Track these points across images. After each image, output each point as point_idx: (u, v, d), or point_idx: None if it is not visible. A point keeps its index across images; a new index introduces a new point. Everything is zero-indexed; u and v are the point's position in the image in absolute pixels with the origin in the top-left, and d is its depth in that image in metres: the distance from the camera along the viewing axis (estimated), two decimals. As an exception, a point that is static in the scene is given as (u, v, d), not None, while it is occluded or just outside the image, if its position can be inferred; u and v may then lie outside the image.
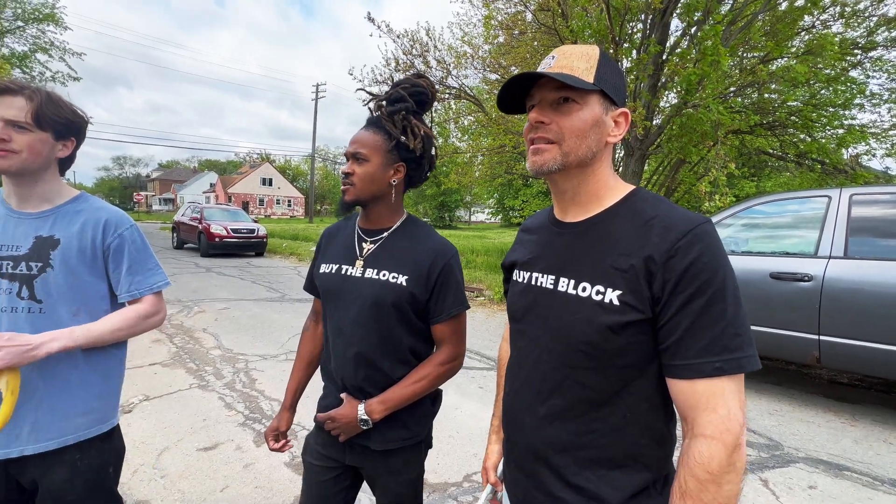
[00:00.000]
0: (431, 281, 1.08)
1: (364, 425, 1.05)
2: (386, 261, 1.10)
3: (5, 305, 1.03)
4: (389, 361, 1.08)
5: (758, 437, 2.83)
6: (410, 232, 1.15)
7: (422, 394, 1.09)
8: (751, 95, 8.24)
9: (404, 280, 1.06)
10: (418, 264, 1.08)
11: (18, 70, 14.11)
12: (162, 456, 2.40)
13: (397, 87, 1.09)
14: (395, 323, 1.07)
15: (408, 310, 1.07)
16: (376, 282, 1.07)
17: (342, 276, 1.11)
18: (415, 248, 1.11)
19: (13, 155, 1.01)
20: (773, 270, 3.25)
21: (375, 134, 1.08)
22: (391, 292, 1.06)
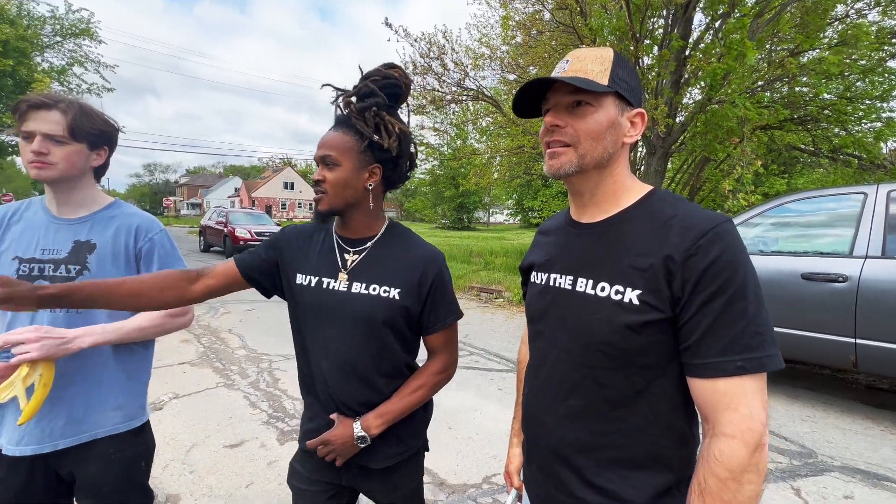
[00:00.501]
0: (424, 292, 1.01)
1: (362, 443, 0.99)
2: (374, 273, 1.01)
3: None
4: (385, 378, 1.02)
5: (790, 444, 2.72)
6: (396, 240, 1.06)
7: (418, 404, 1.04)
8: (780, 90, 7.94)
9: (396, 294, 0.99)
10: (409, 276, 1.00)
11: (57, 83, 14.87)
12: (191, 452, 2.49)
13: (366, 81, 0.98)
14: (390, 339, 1.00)
15: (402, 325, 1.01)
16: (366, 297, 0.99)
17: (324, 290, 1.01)
18: (403, 257, 1.03)
19: (51, 167, 1.08)
20: (804, 271, 3.12)
21: (345, 134, 0.98)
22: (383, 308, 0.98)
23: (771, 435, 2.83)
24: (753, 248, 3.52)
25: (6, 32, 11.68)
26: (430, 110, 9.76)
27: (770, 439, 2.77)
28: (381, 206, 1.08)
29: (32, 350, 0.97)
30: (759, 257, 3.42)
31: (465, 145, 14.12)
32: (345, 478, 1.06)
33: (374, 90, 0.97)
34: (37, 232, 1.14)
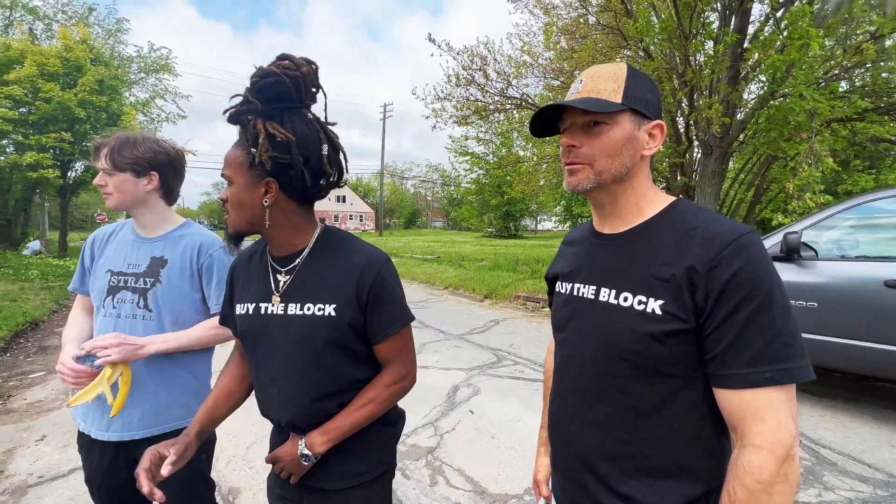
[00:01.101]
0: (363, 301, 0.92)
1: (306, 461, 0.92)
2: (307, 291, 0.93)
3: (129, 312, 1.27)
4: (339, 399, 0.94)
5: (874, 471, 2.43)
6: (329, 250, 0.97)
7: (369, 419, 0.95)
8: (861, 77, 7.19)
9: (332, 310, 0.90)
10: (344, 288, 0.91)
11: (141, 115, 16.73)
12: (250, 449, 2.68)
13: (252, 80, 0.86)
14: (334, 358, 0.92)
15: (347, 340, 0.92)
16: (301, 318, 0.91)
17: (261, 315, 0.95)
18: (336, 268, 0.94)
19: (109, 196, 1.28)
20: (888, 278, 2.80)
21: (237, 149, 0.90)
22: (320, 327, 0.90)
23: (850, 460, 2.55)
24: (828, 252, 3.21)
25: (102, 73, 13.36)
26: (474, 120, 9.87)
27: (849, 464, 2.50)
28: (302, 220, 0.97)
29: (113, 354, 1.14)
30: (832, 263, 3.11)
31: (511, 153, 14.06)
32: (307, 498, 1.00)
33: (246, 96, 0.87)
34: (125, 249, 1.33)
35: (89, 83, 12.77)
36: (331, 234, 1.00)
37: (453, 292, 8.96)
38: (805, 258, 3.21)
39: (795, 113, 4.63)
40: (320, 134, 0.91)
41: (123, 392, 1.18)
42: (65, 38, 13.22)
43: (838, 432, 2.90)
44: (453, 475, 2.40)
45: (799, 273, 3.19)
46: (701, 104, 5.62)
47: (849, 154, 10.12)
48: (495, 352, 4.80)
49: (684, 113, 6.72)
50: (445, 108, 9.52)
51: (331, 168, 0.92)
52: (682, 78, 5.75)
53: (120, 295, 1.28)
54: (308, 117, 0.91)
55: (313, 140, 0.90)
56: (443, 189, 58.79)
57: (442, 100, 9.38)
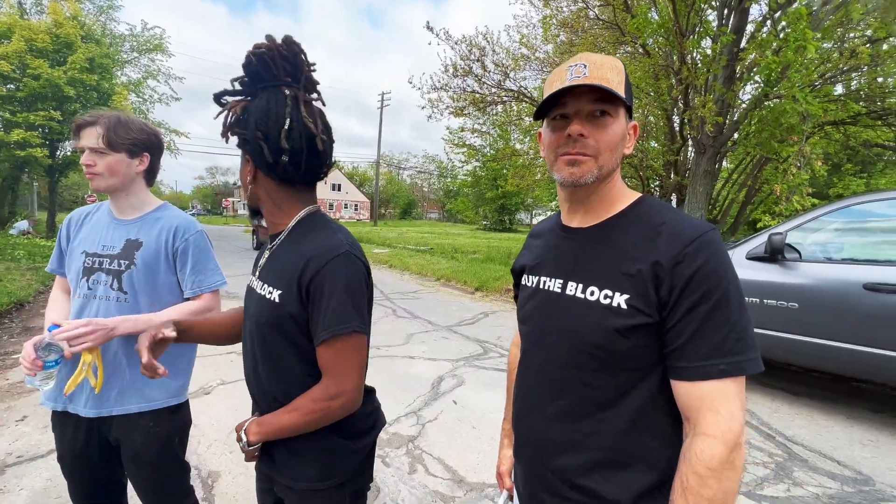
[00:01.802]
0: (304, 294, 0.86)
1: (240, 443, 0.92)
2: (267, 272, 0.95)
3: (102, 294, 1.26)
4: (286, 389, 0.91)
5: (843, 468, 2.50)
6: (299, 234, 0.94)
7: (296, 427, 0.88)
8: (857, 80, 7.23)
9: (277, 296, 0.89)
10: (290, 275, 0.88)
11: (134, 95, 16.42)
12: (232, 434, 2.69)
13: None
14: (279, 345, 0.90)
15: (291, 330, 0.88)
16: (257, 297, 0.94)
17: (249, 287, 1.02)
18: (292, 254, 0.91)
19: (98, 176, 1.25)
20: (867, 281, 2.85)
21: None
22: (266, 309, 0.90)
23: (821, 457, 2.61)
24: (812, 255, 3.25)
25: (93, 51, 13.07)
26: (471, 112, 9.81)
27: (819, 461, 2.56)
28: (286, 201, 0.96)
29: (89, 341, 1.14)
30: (814, 265, 3.16)
31: (507, 146, 14.01)
32: (276, 486, 0.99)
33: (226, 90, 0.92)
34: (100, 231, 1.32)
35: (79, 61, 12.50)
36: (310, 219, 0.96)
37: (445, 284, 8.98)
38: (788, 259, 3.25)
39: (788, 115, 4.66)
40: (286, 110, 0.88)
41: (101, 372, 1.21)
42: (55, 14, 12.89)
43: (811, 430, 2.97)
44: (433, 463, 2.43)
45: (781, 274, 3.23)
46: (696, 103, 5.63)
47: (841, 158, 10.21)
48: (482, 344, 4.84)
49: (679, 111, 6.72)
50: (442, 99, 9.46)
51: (287, 143, 0.87)
52: (678, 76, 5.74)
53: (95, 276, 1.27)
54: (282, 93, 0.89)
55: (273, 115, 0.87)
56: (439, 180, 58.58)
57: (438, 90, 9.32)
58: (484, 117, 11.48)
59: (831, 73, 6.85)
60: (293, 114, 0.88)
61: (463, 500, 2.14)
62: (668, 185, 8.19)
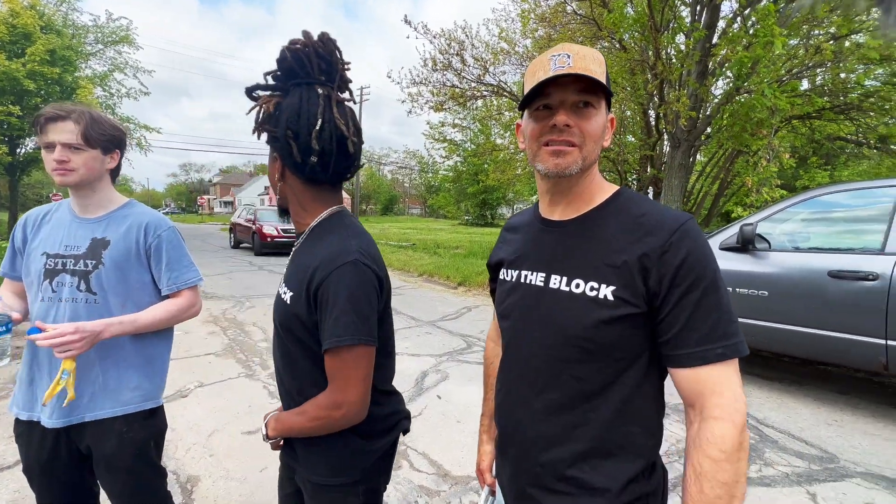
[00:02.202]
0: (312, 299, 0.86)
1: (262, 433, 0.97)
2: (289, 272, 0.98)
3: (68, 296, 1.21)
4: (299, 385, 0.94)
5: (810, 448, 2.62)
6: (316, 235, 0.95)
7: (302, 431, 0.90)
8: (822, 76, 7.51)
9: (289, 297, 0.91)
10: (301, 278, 0.88)
11: (99, 89, 15.74)
12: (211, 437, 2.63)
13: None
14: (292, 346, 0.92)
15: (299, 333, 0.89)
16: (279, 296, 0.97)
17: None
18: (307, 256, 0.92)
19: (72, 172, 1.19)
20: (831, 268, 2.98)
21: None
22: (280, 310, 0.94)
23: (790, 437, 2.73)
24: (782, 245, 3.38)
25: (53, 42, 12.44)
26: (451, 106, 9.78)
27: (789, 442, 2.68)
28: (311, 201, 0.96)
29: (75, 348, 1.09)
30: (782, 254, 3.28)
31: (488, 141, 14.05)
32: (297, 477, 1.01)
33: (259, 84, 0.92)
34: (62, 230, 1.26)
35: (39, 53, 11.89)
36: (330, 221, 0.95)
37: (427, 279, 8.98)
38: (759, 249, 3.37)
39: (757, 109, 4.81)
40: (318, 109, 0.87)
41: (73, 377, 1.16)
42: (11, 3, 12.20)
43: (781, 412, 3.10)
44: (417, 459, 2.44)
45: (752, 263, 3.35)
46: (670, 97, 5.75)
47: (807, 151, 10.62)
48: (465, 338, 4.86)
49: (655, 105, 6.85)
50: (422, 93, 9.40)
51: (317, 144, 0.87)
52: (654, 71, 5.85)
53: (59, 278, 1.21)
54: (315, 92, 0.88)
55: (305, 114, 0.86)
56: (420, 176, 58.27)
57: (418, 84, 9.25)
58: (464, 112, 11.48)
59: (797, 68, 7.10)
60: (325, 114, 0.87)
61: (448, 493, 2.15)
62: (644, 179, 8.36)
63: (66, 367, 1.12)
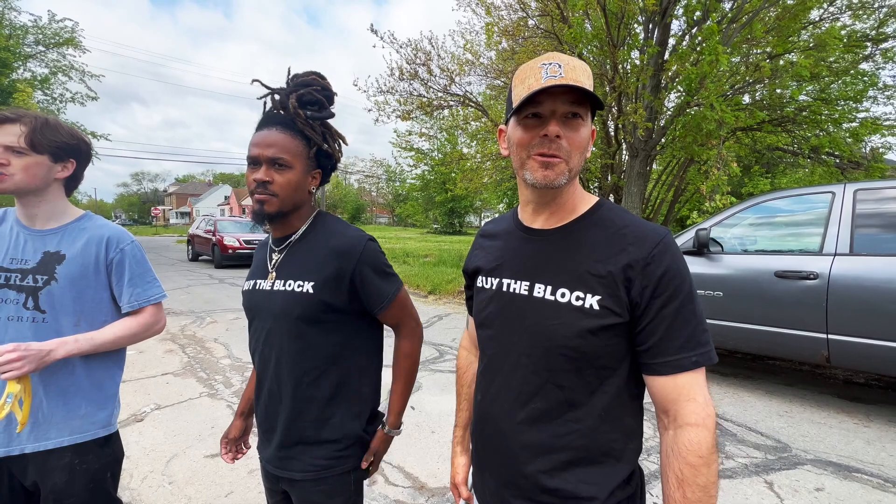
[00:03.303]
0: (346, 283, 1.00)
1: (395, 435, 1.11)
2: (292, 269, 1.02)
3: (12, 314, 1.11)
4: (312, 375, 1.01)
5: (765, 438, 2.78)
6: (318, 233, 1.06)
7: (414, 376, 1.12)
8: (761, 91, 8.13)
9: (310, 287, 0.98)
10: (325, 269, 0.99)
11: (40, 92, 14.69)
12: (171, 463, 2.47)
13: (309, 89, 1.03)
14: (310, 335, 0.99)
15: (323, 316, 0.99)
16: (281, 293, 1.00)
17: (255, 290, 1.07)
18: (320, 250, 1.02)
19: (8, 178, 1.09)
20: (777, 269, 3.20)
21: (294, 138, 1.00)
22: (297, 303, 0.98)
23: (747, 430, 2.89)
24: (733, 247, 3.60)
25: (-13, 42, 11.55)
26: (417, 115, 9.83)
27: (746, 434, 2.83)
28: (308, 205, 1.10)
29: (15, 369, 0.99)
30: (734, 257, 3.50)
31: (455, 150, 14.19)
32: (282, 483, 1.06)
33: (323, 101, 1.04)
34: (6, 242, 1.16)
35: (-30, 53, 10.98)
36: (323, 219, 1.09)
37: (397, 289, 8.89)
38: (713, 252, 3.58)
39: (707, 121, 5.14)
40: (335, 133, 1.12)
41: (27, 404, 1.05)
42: (-64, -1, 11.23)
43: (738, 406, 3.27)
44: (392, 472, 2.39)
45: (707, 266, 3.55)
46: (628, 109, 6.04)
47: (750, 160, 11.42)
48: (437, 347, 4.84)
49: (614, 117, 7.18)
50: (388, 102, 9.39)
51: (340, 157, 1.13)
52: (612, 84, 6.13)
53: (1, 294, 1.11)
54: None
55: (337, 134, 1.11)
56: (388, 185, 57.97)
57: (385, 93, 9.24)
58: (431, 121, 11.55)
59: (740, 84, 7.66)
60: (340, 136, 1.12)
61: (425, 506, 2.12)
62: (605, 187, 8.70)
63: (11, 391, 1.01)
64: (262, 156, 0.97)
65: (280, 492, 1.09)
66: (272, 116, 1.02)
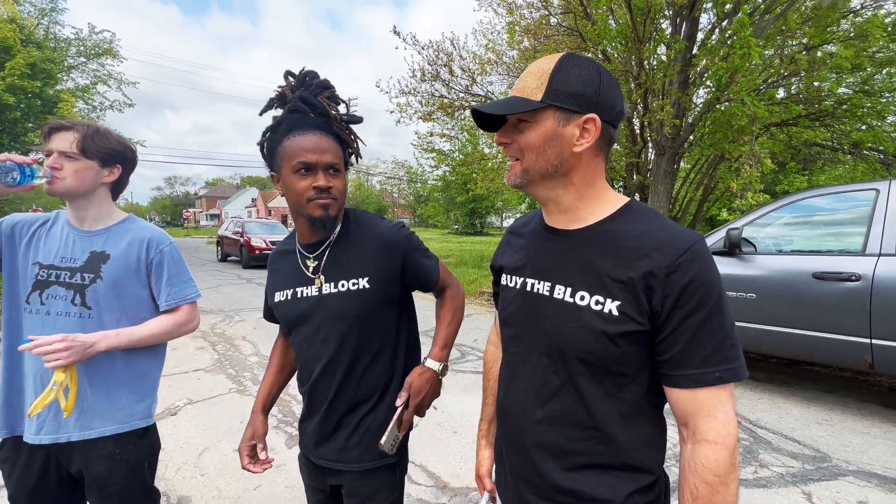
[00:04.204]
0: (399, 264, 1.06)
1: (443, 375, 1.09)
2: (343, 268, 1.04)
3: (60, 310, 1.18)
4: (370, 369, 1.05)
5: (803, 447, 2.65)
6: (356, 231, 1.09)
7: (460, 323, 1.16)
8: (797, 85, 7.79)
9: (366, 282, 1.02)
10: (376, 262, 1.04)
11: (81, 102, 15.50)
12: (202, 455, 2.57)
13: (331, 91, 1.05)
14: (366, 329, 1.03)
15: (381, 308, 1.04)
16: (339, 295, 1.02)
17: (299, 299, 1.06)
18: (367, 245, 1.05)
19: (59, 181, 1.17)
20: (815, 270, 3.05)
21: (336, 142, 1.02)
22: (355, 301, 1.01)
23: (783, 438, 2.77)
24: (766, 247, 3.46)
25: (34, 55, 12.26)
26: (439, 116, 9.86)
27: (782, 442, 2.71)
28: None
29: (62, 358, 1.06)
30: (768, 257, 3.36)
31: (476, 150, 14.14)
32: (330, 479, 1.09)
33: (346, 103, 1.07)
34: (57, 242, 1.23)
35: (19, 66, 11.69)
36: (353, 217, 1.12)
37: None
38: (745, 253, 3.44)
39: (738, 117, 4.96)
40: None
41: (73, 392, 1.12)
42: (-10, 16, 12.02)
43: (773, 413, 3.14)
44: (415, 471, 2.40)
45: (739, 266, 3.42)
46: (654, 106, 5.89)
47: (785, 156, 10.95)
48: (459, 347, 4.84)
49: (639, 114, 7.01)
50: (410, 104, 9.45)
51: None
52: (637, 80, 6.00)
53: (50, 290, 1.18)
54: None
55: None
56: (409, 186, 58.36)
57: (406, 94, 9.31)
58: (452, 122, 11.56)
59: (773, 77, 7.35)
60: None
61: (447, 505, 2.13)
62: (631, 186, 8.51)
63: (57, 379, 1.08)
64: (321, 162, 0.97)
65: (325, 490, 1.12)
66: (307, 119, 1.00)
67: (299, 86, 1.02)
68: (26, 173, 1.13)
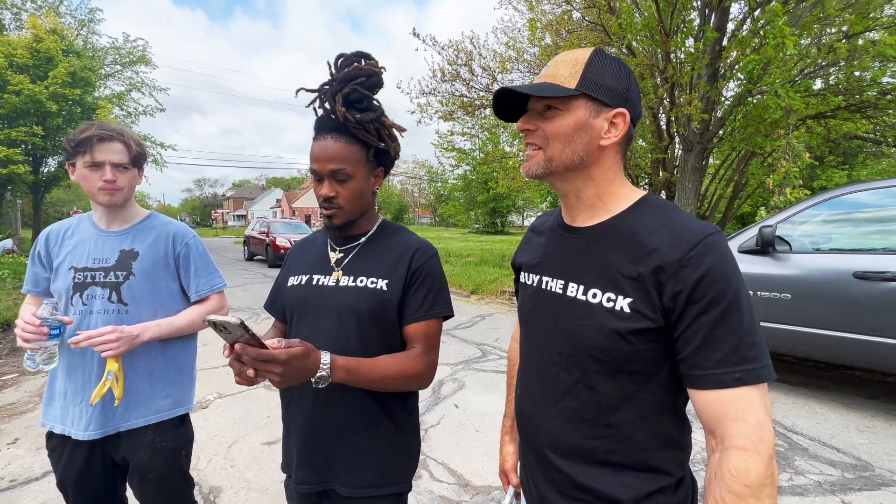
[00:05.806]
0: (406, 279, 1.00)
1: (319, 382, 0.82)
2: (364, 267, 1.02)
3: (99, 308, 1.24)
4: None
5: (843, 455, 2.53)
6: (388, 236, 1.08)
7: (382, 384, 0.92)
8: (836, 75, 7.40)
9: (384, 284, 0.99)
10: (397, 266, 1.01)
11: (117, 108, 16.22)
12: (232, 448, 2.65)
13: (353, 84, 0.94)
14: (373, 331, 0.98)
15: (387, 315, 0.99)
16: (353, 289, 0.99)
17: (313, 286, 1.03)
18: (393, 250, 1.04)
19: (119, 192, 1.25)
20: (856, 269, 2.90)
21: (350, 144, 0.96)
22: (368, 298, 0.98)
23: (821, 445, 2.65)
24: (802, 246, 3.31)
25: (74, 64, 12.90)
26: (459, 116, 9.85)
27: (819, 449, 2.59)
28: (373, 207, 1.11)
29: (113, 348, 1.14)
30: (804, 256, 3.21)
31: (497, 149, 14.05)
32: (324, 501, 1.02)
33: (369, 96, 0.97)
34: (87, 244, 1.29)
35: (61, 75, 12.33)
36: (390, 225, 1.11)
37: (440, 288, 8.96)
38: (779, 251, 3.30)
39: (771, 110, 4.75)
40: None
41: (122, 380, 1.21)
42: (34, 28, 12.72)
43: (810, 419, 3.01)
44: (437, 469, 2.42)
45: (773, 265, 3.28)
46: (681, 101, 5.72)
47: (823, 150, 10.43)
48: (480, 346, 4.83)
49: (666, 109, 6.82)
50: (430, 104, 9.48)
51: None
52: (664, 74, 5.83)
53: (89, 291, 1.25)
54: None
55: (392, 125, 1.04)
56: (429, 185, 58.54)
57: (427, 94, 9.34)
58: (473, 121, 11.52)
59: (810, 68, 7.01)
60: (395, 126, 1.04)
61: (470, 503, 2.13)
62: (657, 183, 8.29)
63: (111, 369, 1.16)
64: (324, 170, 0.95)
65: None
66: (325, 122, 0.98)
67: (333, 79, 0.97)
68: (57, 330, 1.17)
